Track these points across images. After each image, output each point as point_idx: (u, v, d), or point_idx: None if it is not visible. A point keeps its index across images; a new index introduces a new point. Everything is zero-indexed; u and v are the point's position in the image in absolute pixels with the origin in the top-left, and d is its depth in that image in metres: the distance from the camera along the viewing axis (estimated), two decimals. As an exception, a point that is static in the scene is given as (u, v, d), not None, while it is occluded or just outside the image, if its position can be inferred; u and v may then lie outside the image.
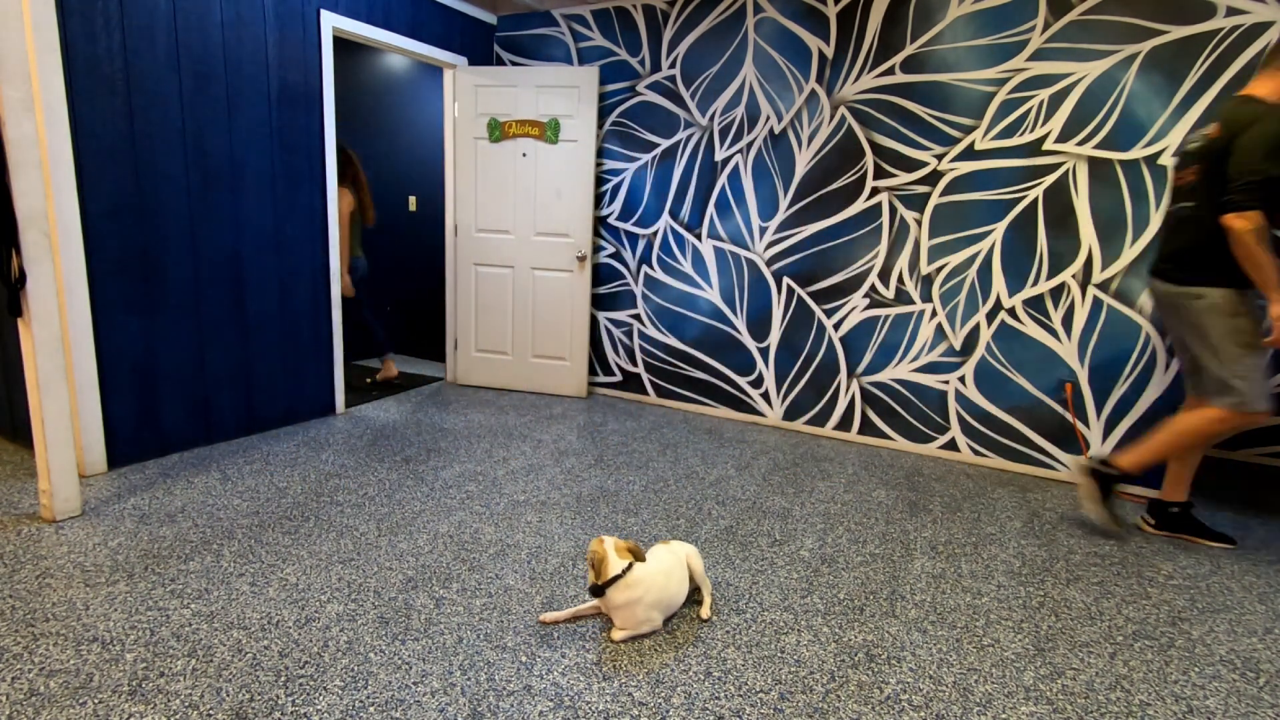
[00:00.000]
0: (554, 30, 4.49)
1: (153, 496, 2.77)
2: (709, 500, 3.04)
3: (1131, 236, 3.22)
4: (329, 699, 1.68)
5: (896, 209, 3.69)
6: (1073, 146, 3.27)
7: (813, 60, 3.78)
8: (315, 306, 3.78)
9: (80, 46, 2.69)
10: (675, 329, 4.44)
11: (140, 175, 2.95)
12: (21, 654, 1.78)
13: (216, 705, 1.64)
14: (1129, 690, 1.88)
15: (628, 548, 2.04)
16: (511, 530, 2.64)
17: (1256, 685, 1.93)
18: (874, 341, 3.86)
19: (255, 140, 3.36)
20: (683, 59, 4.13)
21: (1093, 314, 3.34)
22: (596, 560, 1.97)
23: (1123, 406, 3.34)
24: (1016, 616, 2.22)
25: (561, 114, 4.32)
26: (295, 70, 3.49)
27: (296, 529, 2.56)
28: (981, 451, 3.70)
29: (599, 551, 1.99)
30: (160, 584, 2.15)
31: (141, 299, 3.02)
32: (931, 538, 2.77)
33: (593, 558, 1.99)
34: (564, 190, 4.40)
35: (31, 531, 2.43)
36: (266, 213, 3.46)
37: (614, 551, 1.99)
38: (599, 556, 1.98)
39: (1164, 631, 2.18)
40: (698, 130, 4.15)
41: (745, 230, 4.12)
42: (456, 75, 4.42)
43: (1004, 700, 1.81)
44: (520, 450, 3.55)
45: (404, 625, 2.00)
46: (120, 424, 3.01)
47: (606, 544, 2.00)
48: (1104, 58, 3.16)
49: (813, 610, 2.20)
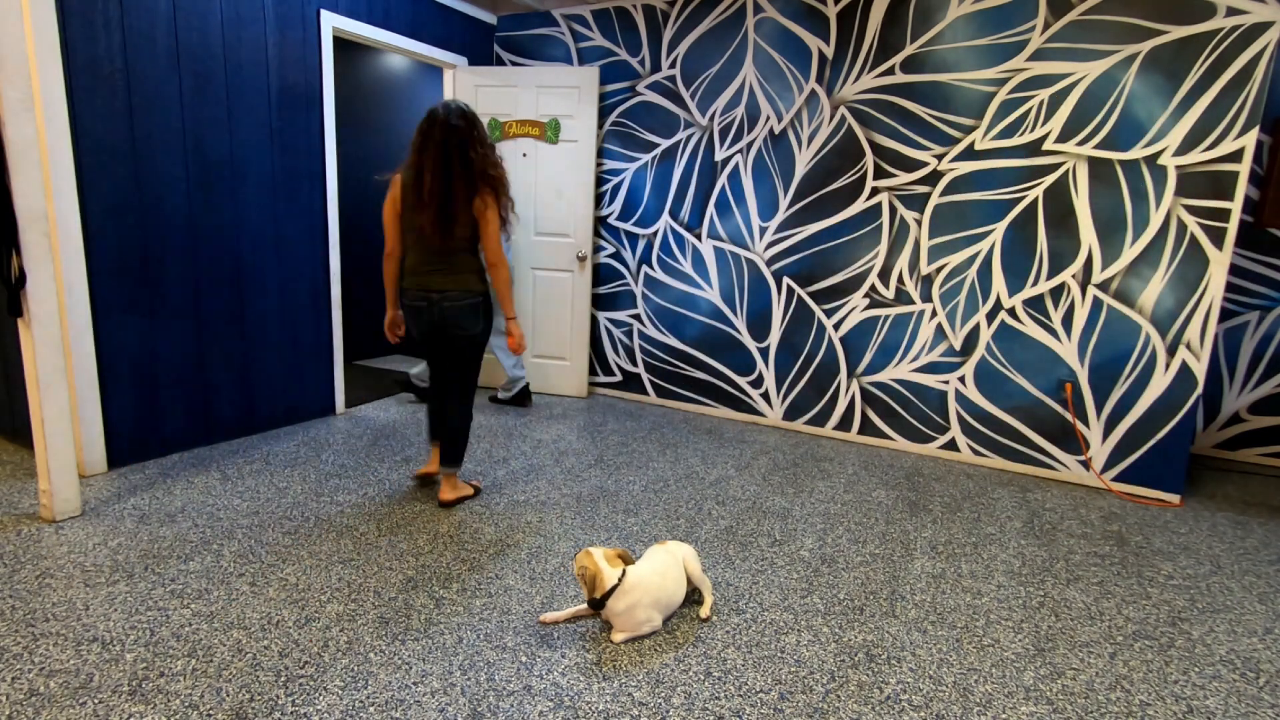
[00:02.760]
0: (554, 30, 4.49)
1: (153, 496, 2.77)
2: (709, 500, 3.04)
3: (1131, 236, 3.22)
4: (329, 699, 1.68)
5: (896, 209, 3.69)
6: (1073, 146, 3.27)
7: (813, 60, 3.78)
8: (315, 307, 3.78)
9: (80, 46, 2.69)
10: (675, 329, 4.44)
11: (140, 175, 2.95)
12: (21, 654, 1.78)
13: (216, 705, 1.64)
14: (1129, 690, 1.88)
15: (617, 555, 2.03)
16: (511, 530, 2.64)
17: (1256, 685, 1.93)
18: (874, 341, 3.86)
19: (255, 140, 3.35)
20: (683, 59, 4.13)
21: (1093, 314, 3.34)
22: (589, 576, 1.95)
23: (1123, 406, 3.34)
24: (1016, 616, 2.22)
25: (562, 114, 4.32)
26: (295, 70, 3.49)
27: (296, 529, 2.56)
28: (981, 451, 3.70)
29: (590, 566, 1.96)
30: (160, 584, 2.15)
31: (141, 299, 3.02)
32: (931, 538, 2.77)
33: (583, 573, 1.97)
34: (564, 190, 4.40)
35: (31, 531, 2.43)
36: (266, 213, 3.46)
37: (605, 562, 1.98)
38: (591, 572, 1.95)
39: (1164, 631, 2.18)
40: (698, 130, 4.15)
41: (745, 230, 4.12)
42: (456, 75, 4.42)
43: (1004, 700, 1.81)
44: (520, 450, 3.55)
45: (404, 625, 2.00)
46: (120, 424, 3.01)
47: (595, 556, 1.99)
48: (1104, 58, 3.16)
49: (813, 610, 2.20)
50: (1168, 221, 3.15)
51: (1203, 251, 3.10)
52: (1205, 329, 3.14)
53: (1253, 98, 2.93)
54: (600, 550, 2.02)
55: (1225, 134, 3.00)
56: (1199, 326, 3.15)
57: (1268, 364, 3.92)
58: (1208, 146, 3.04)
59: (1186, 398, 3.21)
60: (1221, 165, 3.02)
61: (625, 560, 2.04)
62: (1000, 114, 3.39)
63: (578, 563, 2.00)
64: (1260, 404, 3.98)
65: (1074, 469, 3.50)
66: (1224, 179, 3.03)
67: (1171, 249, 3.16)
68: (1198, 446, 4.15)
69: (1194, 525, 3.05)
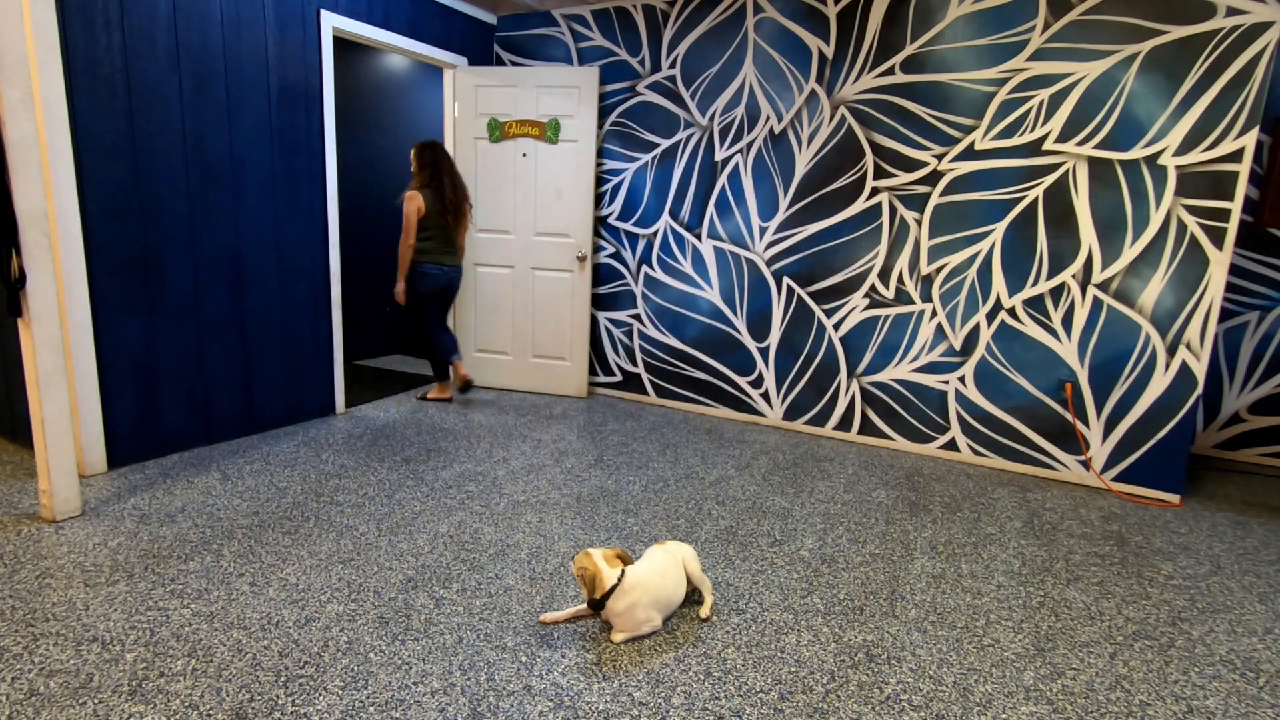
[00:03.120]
0: (554, 30, 4.49)
1: (153, 496, 2.77)
2: (709, 500, 3.04)
3: (1131, 236, 3.22)
4: (329, 699, 1.68)
5: (896, 209, 3.69)
6: (1073, 146, 3.27)
7: (813, 60, 3.78)
8: (315, 306, 3.78)
9: (80, 46, 2.69)
10: (675, 329, 4.44)
11: (140, 175, 2.95)
12: (21, 654, 1.78)
13: (216, 705, 1.64)
14: (1129, 690, 1.88)
15: (616, 555, 2.02)
16: (511, 530, 2.64)
17: (1256, 685, 1.93)
18: (874, 341, 3.86)
19: (255, 140, 3.36)
20: (683, 59, 4.13)
21: (1093, 314, 3.34)
22: (588, 576, 1.95)
23: (1123, 406, 3.34)
24: (1016, 616, 2.22)
25: (562, 114, 4.32)
26: (295, 70, 3.49)
27: (296, 529, 2.56)
28: (981, 451, 3.70)
29: (589, 567, 1.96)
30: (160, 584, 2.15)
31: (141, 299, 3.02)
32: (931, 538, 2.77)
33: (583, 574, 1.97)
34: (564, 190, 4.40)
35: (31, 531, 2.43)
36: (266, 213, 3.46)
37: (604, 562, 1.98)
38: (590, 572, 1.95)
39: (1164, 631, 2.18)
40: (698, 130, 4.15)
41: (745, 230, 4.12)
42: (456, 75, 4.42)
43: (1004, 700, 1.81)
44: (520, 450, 3.55)
45: (404, 625, 2.00)
46: (120, 424, 3.01)
47: (595, 556, 1.98)
48: (1104, 58, 3.16)
49: (813, 610, 2.20)
50: (1168, 221, 3.15)
51: (1203, 251, 3.11)
52: (1205, 329, 3.14)
53: (1253, 98, 2.93)
54: (599, 551, 2.02)
55: (1225, 134, 3.00)
56: (1199, 326, 3.15)
57: (1268, 364, 3.92)
58: (1208, 146, 3.04)
59: (1186, 398, 3.21)
60: (1221, 165, 3.02)
61: (624, 560, 2.04)
62: (1000, 114, 3.39)
63: (576, 563, 2.00)
64: (1260, 404, 3.98)
65: (1074, 469, 3.50)
66: (1224, 179, 3.03)
67: (1171, 249, 3.16)
68: (1198, 446, 4.15)
69: (1194, 525, 3.05)
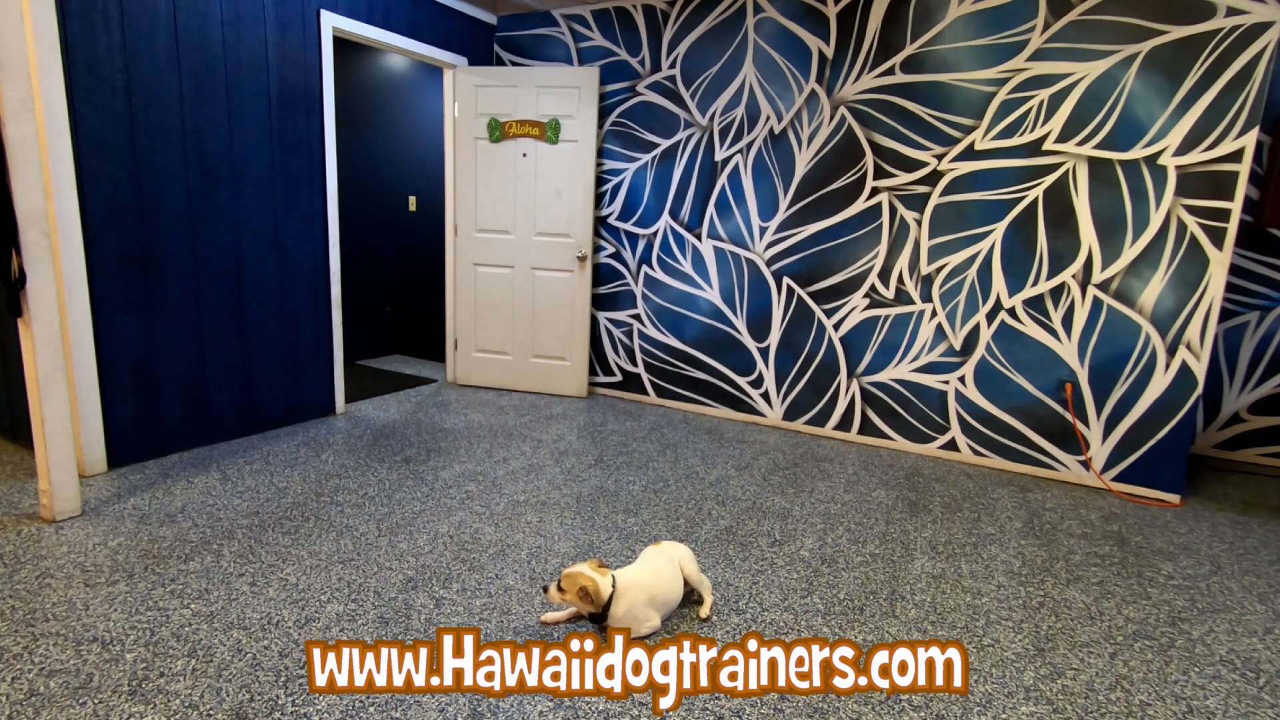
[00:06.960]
0: (554, 30, 4.49)
1: (153, 496, 2.77)
2: (709, 500, 3.04)
3: (1131, 236, 3.22)
4: (329, 699, 1.68)
5: (896, 209, 3.69)
6: (1073, 146, 3.27)
7: (813, 60, 3.78)
8: (315, 306, 3.78)
9: (80, 46, 2.69)
10: (675, 329, 4.44)
11: (140, 175, 2.95)
12: (21, 654, 1.78)
13: (216, 705, 1.64)
14: (1129, 690, 1.88)
15: (597, 564, 2.00)
16: (511, 530, 2.64)
17: (1256, 685, 1.93)
18: (874, 341, 3.86)
19: (255, 140, 3.36)
20: (683, 59, 4.13)
21: (1093, 314, 3.34)
22: (591, 590, 1.91)
23: (1123, 406, 3.34)
24: (1016, 616, 2.22)
25: (562, 114, 4.32)
26: (295, 70, 3.49)
27: (296, 529, 2.56)
28: (981, 451, 3.70)
29: (586, 583, 1.92)
30: (160, 584, 2.15)
31: (141, 299, 3.02)
32: (931, 538, 2.77)
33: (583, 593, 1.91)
34: (564, 190, 4.40)
35: (31, 531, 2.43)
36: (266, 213, 3.46)
37: (594, 573, 1.96)
38: (591, 586, 1.91)
39: (1164, 631, 2.18)
40: (698, 130, 4.15)
41: (745, 230, 4.12)
42: (456, 75, 4.42)
43: (1004, 700, 1.81)
44: (520, 450, 3.55)
45: (404, 625, 2.00)
46: (120, 424, 3.01)
47: (584, 570, 1.96)
48: (1104, 58, 3.16)
49: (813, 610, 2.20)
50: (1168, 221, 3.15)
51: (1203, 251, 3.11)
52: (1205, 329, 3.14)
53: (1253, 98, 2.93)
54: (584, 564, 1.99)
55: (1225, 134, 3.00)
56: (1199, 326, 3.15)
57: (1268, 364, 3.92)
58: (1208, 146, 3.04)
59: (1186, 398, 3.21)
60: (1221, 165, 3.02)
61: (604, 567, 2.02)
62: (1000, 114, 3.39)
63: (573, 584, 1.93)
64: (1260, 404, 3.98)
65: (1074, 469, 3.50)
66: (1224, 179, 3.03)
67: (1171, 249, 3.16)
68: (1198, 446, 4.15)
69: (1194, 525, 3.05)
